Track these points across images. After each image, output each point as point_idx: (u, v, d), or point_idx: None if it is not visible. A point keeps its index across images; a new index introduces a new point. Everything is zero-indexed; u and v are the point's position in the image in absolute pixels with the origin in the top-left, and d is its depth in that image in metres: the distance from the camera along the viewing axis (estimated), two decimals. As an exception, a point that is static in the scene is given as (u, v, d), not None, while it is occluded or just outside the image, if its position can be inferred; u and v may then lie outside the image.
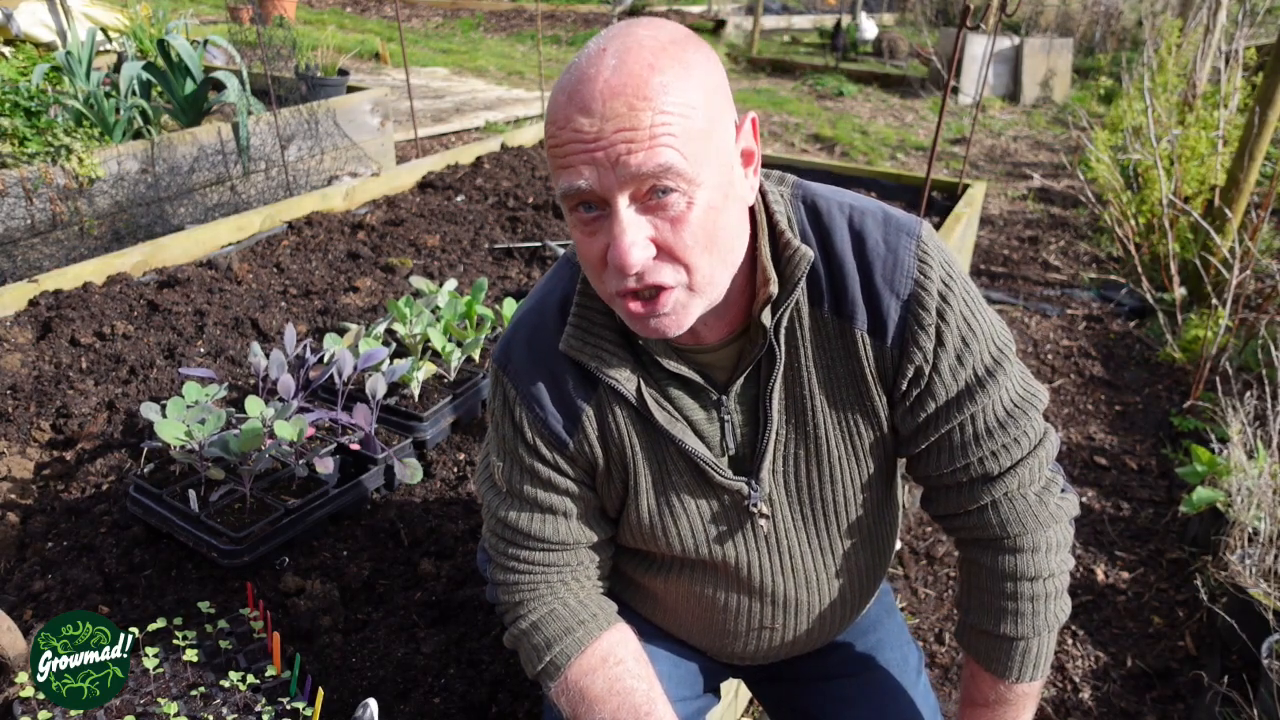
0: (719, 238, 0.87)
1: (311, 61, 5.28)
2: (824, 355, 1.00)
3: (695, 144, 0.82)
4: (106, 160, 3.67)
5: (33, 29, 5.76)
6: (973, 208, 3.66)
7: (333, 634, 1.56)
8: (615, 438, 1.03)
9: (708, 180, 0.84)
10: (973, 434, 1.01)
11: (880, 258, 0.97)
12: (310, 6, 11.91)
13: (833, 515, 1.09)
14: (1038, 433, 1.03)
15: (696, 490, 1.05)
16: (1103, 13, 9.76)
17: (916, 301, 0.96)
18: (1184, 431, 2.93)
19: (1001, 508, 1.03)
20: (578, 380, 1.02)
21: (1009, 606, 1.05)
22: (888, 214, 1.00)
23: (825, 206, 1.00)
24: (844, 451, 1.04)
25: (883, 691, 1.21)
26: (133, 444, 2.08)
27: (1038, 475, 1.04)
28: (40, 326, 2.55)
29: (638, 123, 0.79)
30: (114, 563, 1.70)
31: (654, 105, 0.79)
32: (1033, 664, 1.07)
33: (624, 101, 0.79)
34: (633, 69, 0.80)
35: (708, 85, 0.83)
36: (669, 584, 1.15)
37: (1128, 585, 2.38)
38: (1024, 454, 1.02)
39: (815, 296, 0.98)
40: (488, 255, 3.29)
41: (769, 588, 1.11)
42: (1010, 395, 1.02)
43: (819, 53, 10.37)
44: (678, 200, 0.83)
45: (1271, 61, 3.47)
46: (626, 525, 1.09)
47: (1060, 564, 1.06)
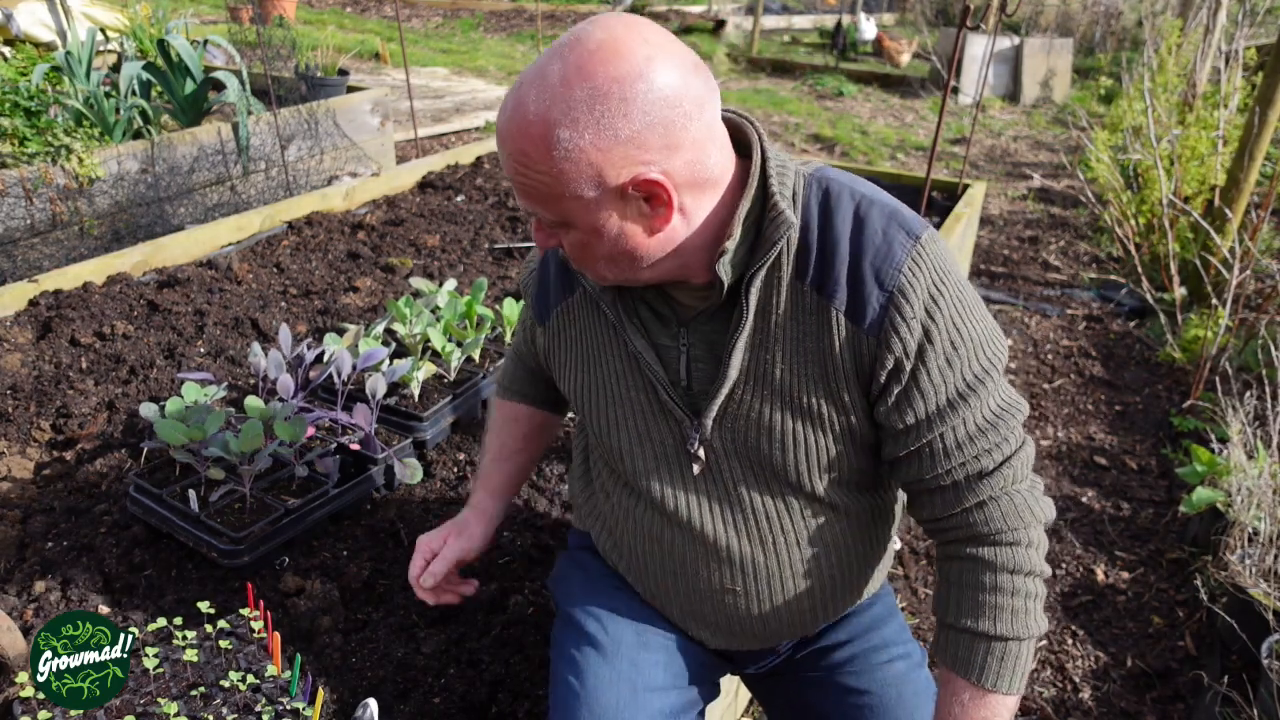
0: (599, 260, 1.01)
1: (311, 61, 5.27)
2: (796, 327, 1.03)
3: (552, 203, 0.95)
4: (106, 160, 3.67)
5: (32, 29, 5.75)
6: (973, 208, 3.66)
7: (333, 634, 1.56)
8: (585, 337, 1.19)
9: (582, 223, 0.96)
10: (965, 435, 1.03)
11: (874, 246, 1.00)
12: (310, 6, 11.91)
13: (785, 481, 1.11)
14: (1020, 437, 1.06)
15: (646, 408, 1.14)
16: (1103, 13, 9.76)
17: (901, 294, 0.98)
18: (1184, 431, 2.93)
19: (1000, 503, 1.04)
20: (565, 281, 1.21)
21: (1000, 602, 1.05)
22: (897, 210, 1.03)
23: (837, 190, 1.04)
24: (799, 424, 1.06)
25: (884, 691, 1.21)
26: (133, 444, 2.08)
27: (1024, 474, 1.06)
28: (40, 326, 2.55)
29: (514, 168, 0.94)
30: (114, 563, 1.70)
31: (530, 159, 0.92)
32: (1012, 671, 1.04)
33: (515, 145, 0.93)
34: (522, 114, 0.91)
35: (576, 158, 0.90)
36: (632, 518, 1.22)
37: (1128, 585, 2.38)
38: (1012, 452, 1.04)
39: (801, 270, 1.02)
40: (488, 255, 3.29)
41: (719, 541, 1.14)
42: (997, 401, 1.04)
43: (819, 53, 10.37)
44: (555, 228, 0.99)
45: (1271, 61, 3.47)
46: (589, 421, 1.22)
47: (1046, 563, 1.07)
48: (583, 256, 1.02)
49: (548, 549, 1.83)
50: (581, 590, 1.32)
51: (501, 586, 1.69)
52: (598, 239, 0.97)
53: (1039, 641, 1.10)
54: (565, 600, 1.33)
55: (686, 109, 0.91)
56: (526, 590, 1.69)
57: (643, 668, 1.19)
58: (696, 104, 0.92)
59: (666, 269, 1.02)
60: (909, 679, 1.23)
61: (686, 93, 0.90)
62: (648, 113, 0.88)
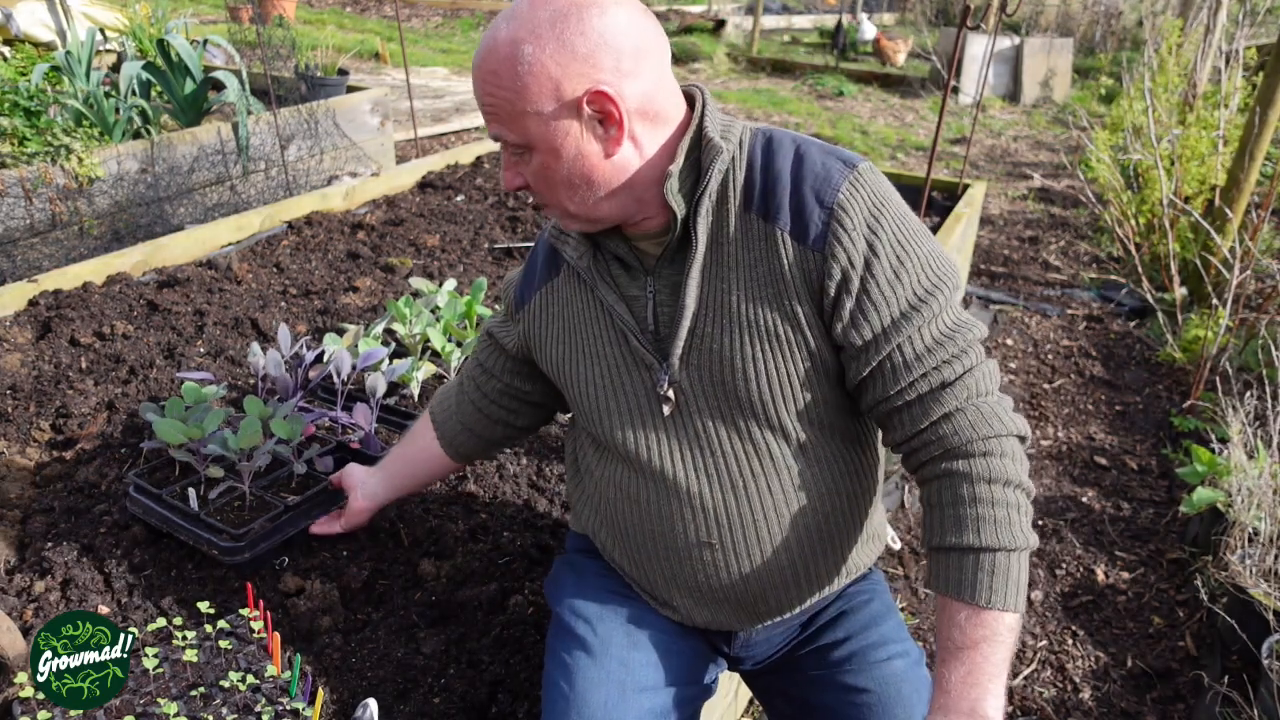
0: (558, 186, 1.08)
1: (311, 61, 5.27)
2: (747, 254, 1.09)
3: (515, 121, 1.04)
4: (106, 160, 3.67)
5: (32, 29, 5.75)
6: (973, 208, 3.66)
7: (332, 634, 1.56)
8: (567, 311, 1.25)
9: (545, 145, 1.04)
10: (922, 347, 1.06)
11: (813, 173, 1.07)
12: (310, 6, 11.91)
13: (752, 415, 1.13)
14: (980, 354, 1.09)
15: (619, 360, 1.19)
16: (1103, 13, 9.76)
17: (841, 209, 1.05)
18: (1184, 431, 2.93)
19: (966, 413, 1.06)
20: (551, 263, 1.29)
21: (981, 513, 1.04)
22: (836, 149, 1.12)
23: (780, 136, 1.13)
24: (762, 350, 1.09)
25: (883, 689, 1.21)
26: (133, 444, 2.08)
27: (989, 388, 1.08)
28: (40, 326, 2.55)
29: (485, 92, 1.04)
30: (114, 563, 1.69)
31: (499, 81, 1.02)
32: (1005, 585, 1.02)
33: (488, 69, 1.03)
34: (492, 43, 1.02)
35: (537, 72, 1.00)
36: (611, 483, 1.25)
37: (1128, 585, 2.38)
38: (974, 364, 1.07)
39: (748, 201, 1.10)
40: (488, 255, 3.29)
41: (690, 489, 1.16)
42: (952, 316, 1.08)
43: (819, 53, 10.37)
44: (526, 155, 1.07)
45: (1272, 61, 3.47)
46: (569, 388, 1.26)
47: (1026, 477, 1.07)
48: (545, 186, 1.09)
49: (548, 549, 1.83)
50: (573, 593, 1.32)
51: (501, 586, 1.69)
52: (556, 160, 1.05)
53: (1030, 555, 1.08)
54: (557, 603, 1.34)
55: (638, 42, 1.03)
56: (526, 590, 1.69)
57: (632, 668, 1.19)
58: (649, 40, 1.04)
59: (623, 203, 1.10)
60: (907, 677, 1.22)
61: (640, 28, 1.03)
62: (603, 35, 1.00)
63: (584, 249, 1.19)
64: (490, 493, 1.99)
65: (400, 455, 1.62)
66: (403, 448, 1.62)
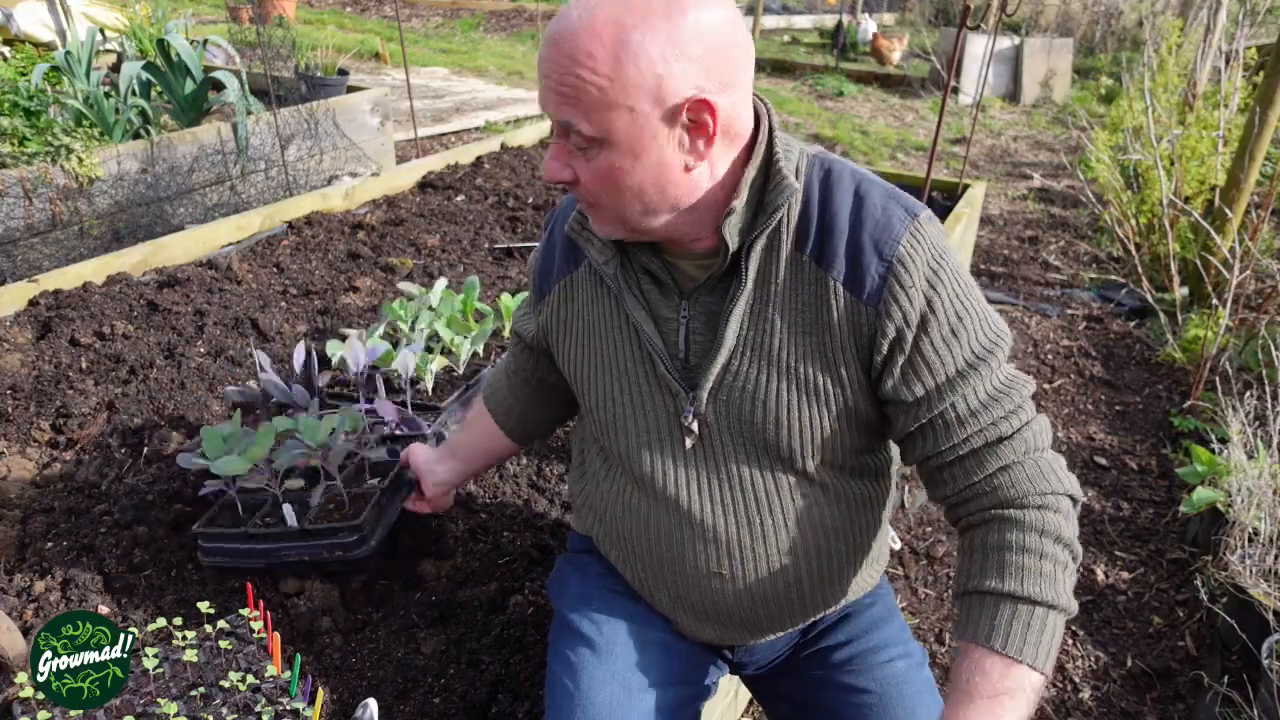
0: (624, 191, 0.98)
1: (311, 61, 5.27)
2: (796, 297, 1.04)
3: (600, 112, 0.92)
4: (106, 160, 3.67)
5: (32, 29, 5.75)
6: (973, 208, 3.66)
7: (333, 635, 1.56)
8: (586, 310, 1.19)
9: (623, 145, 0.94)
10: (977, 403, 1.02)
11: (873, 219, 1.01)
12: (310, 6, 11.91)
13: (777, 457, 1.10)
14: (1033, 410, 1.06)
15: (642, 380, 1.14)
16: (1103, 13, 9.76)
17: (900, 264, 0.99)
18: (1184, 431, 2.93)
19: (1024, 467, 1.02)
20: (570, 255, 1.20)
21: (1027, 563, 0.97)
22: (896, 191, 1.05)
23: (839, 170, 1.06)
24: (795, 397, 1.06)
25: (885, 690, 1.21)
26: (133, 444, 2.08)
27: (1044, 444, 1.05)
28: (40, 326, 2.55)
29: (564, 77, 0.91)
30: (114, 563, 1.69)
31: (584, 67, 0.90)
32: (1038, 640, 0.95)
33: (566, 53, 0.91)
34: (577, 25, 0.90)
35: (643, 65, 0.90)
36: (621, 501, 1.22)
37: (1128, 585, 2.38)
38: (1028, 420, 1.04)
39: (801, 241, 1.03)
40: (488, 255, 3.29)
41: (705, 520, 1.13)
42: (1005, 374, 1.04)
43: (819, 53, 10.37)
44: (589, 149, 0.96)
45: (1272, 61, 3.47)
46: (585, 396, 1.22)
47: (1077, 541, 1.03)
48: (606, 188, 0.98)
49: (547, 549, 1.83)
50: (577, 592, 1.32)
51: (501, 586, 1.69)
52: (633, 164, 0.95)
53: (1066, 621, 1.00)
54: (561, 602, 1.33)
55: (743, 50, 0.95)
56: (526, 590, 1.69)
57: (637, 667, 1.19)
58: (746, 52, 0.96)
59: (680, 222, 1.02)
60: (909, 678, 1.22)
61: (744, 35, 0.95)
62: (716, 37, 0.91)
63: (610, 254, 1.11)
64: (490, 493, 1.99)
65: (464, 442, 1.59)
66: (465, 433, 1.60)
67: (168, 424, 2.14)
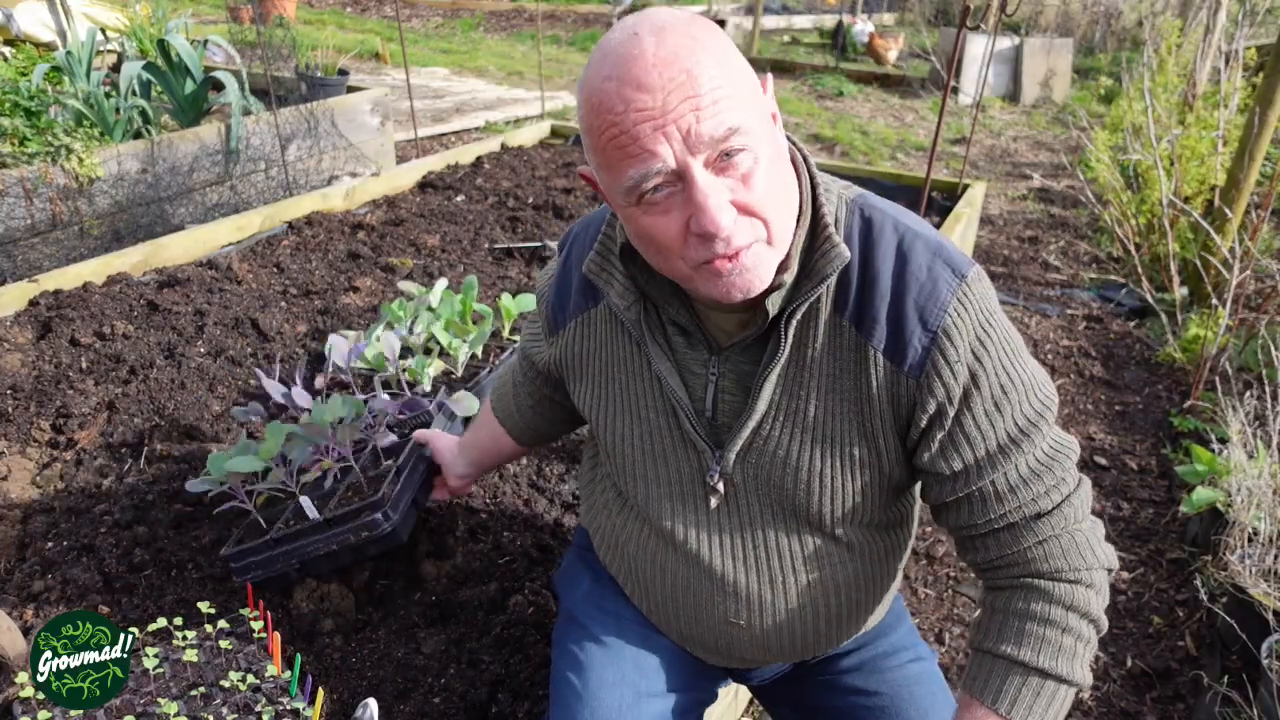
0: (780, 191, 0.90)
1: (311, 61, 5.28)
2: (833, 363, 0.98)
3: (747, 101, 0.85)
4: (106, 160, 3.67)
5: (33, 29, 5.75)
6: (973, 208, 3.66)
7: (333, 635, 1.56)
8: (604, 352, 1.13)
9: (761, 135, 0.86)
10: (1018, 479, 0.97)
11: (918, 284, 0.94)
12: (310, 6, 11.91)
13: (805, 520, 1.06)
14: (1076, 477, 1.01)
15: (665, 433, 1.09)
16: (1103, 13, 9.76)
17: (946, 336, 0.93)
18: (1184, 431, 2.93)
19: (1061, 540, 0.98)
20: (588, 291, 1.14)
21: (1049, 635, 0.96)
22: (941, 245, 0.98)
23: (880, 220, 0.99)
24: (828, 464, 1.01)
25: (896, 692, 1.20)
26: (133, 444, 2.08)
27: (1084, 515, 1.01)
28: (40, 326, 2.55)
29: (698, 88, 0.81)
30: (114, 563, 1.70)
31: (708, 71, 0.81)
32: (1045, 713, 0.95)
33: (679, 68, 0.80)
34: (678, 40, 0.82)
35: (732, 45, 0.87)
36: (635, 542, 1.19)
37: (1128, 585, 2.38)
38: (1071, 491, 0.99)
39: (840, 303, 0.97)
40: (488, 255, 3.29)
41: (727, 576, 1.10)
42: (1050, 443, 0.99)
43: (819, 53, 10.36)
44: (745, 158, 0.85)
45: (1271, 61, 3.47)
46: (602, 438, 1.17)
47: (1103, 614, 0.99)
48: (773, 196, 0.88)
49: (548, 549, 1.83)
50: (587, 588, 1.31)
51: (501, 586, 1.69)
52: (779, 159, 0.90)
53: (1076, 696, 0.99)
54: (570, 599, 1.33)
55: None
56: (526, 590, 1.69)
57: (646, 671, 1.19)
58: None
59: (786, 245, 0.94)
60: (921, 679, 1.21)
61: None
62: None
63: (631, 298, 1.04)
64: (490, 493, 1.99)
65: (475, 443, 1.59)
66: (475, 434, 1.59)
67: (168, 424, 2.14)
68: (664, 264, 0.92)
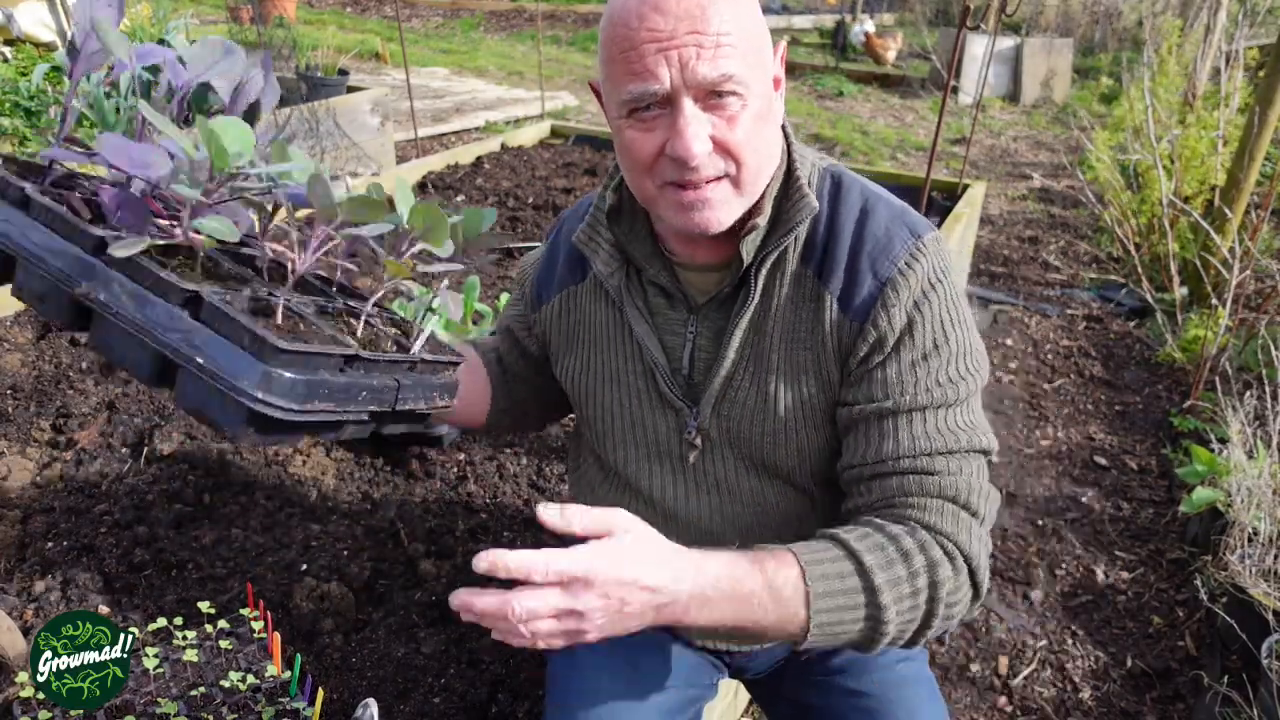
0: (762, 142, 0.95)
1: (311, 61, 5.28)
2: (794, 312, 1.03)
3: (752, 55, 0.90)
4: (106, 160, 3.67)
5: (33, 29, 5.75)
6: (973, 208, 3.66)
7: (333, 634, 1.57)
8: (588, 323, 1.16)
9: (757, 90, 0.92)
10: (922, 432, 0.97)
11: (875, 239, 1.00)
12: (310, 6, 11.91)
13: (775, 474, 1.10)
14: (978, 463, 0.98)
15: (644, 394, 1.12)
16: (1103, 13, 9.77)
17: (892, 285, 0.98)
18: (1184, 431, 2.93)
19: (945, 509, 0.96)
20: (575, 266, 1.18)
21: (892, 556, 0.91)
22: (904, 210, 1.04)
23: (849, 183, 1.06)
24: (793, 413, 1.05)
25: (885, 692, 1.20)
26: (133, 444, 2.08)
27: (979, 507, 0.97)
28: (40, 326, 2.56)
29: (706, 26, 0.86)
30: (114, 562, 1.70)
31: (721, 14, 0.86)
32: (834, 599, 0.88)
33: (696, 3, 0.85)
34: None
35: (757, 5, 0.92)
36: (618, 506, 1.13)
37: (1127, 585, 2.38)
38: (970, 472, 0.97)
39: (807, 257, 1.03)
40: (488, 255, 3.29)
41: (706, 531, 1.13)
42: (965, 417, 0.99)
43: (819, 53, 10.37)
44: (734, 102, 0.90)
45: (1272, 61, 3.47)
46: (584, 407, 1.20)
47: (959, 605, 0.94)
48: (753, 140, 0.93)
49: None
50: None
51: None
52: (767, 109, 0.94)
53: (859, 636, 0.91)
54: None
55: None
56: (526, 590, 1.69)
57: (642, 667, 1.19)
58: None
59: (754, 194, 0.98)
60: (908, 679, 1.22)
61: None
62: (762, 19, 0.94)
63: (615, 265, 1.09)
64: (490, 493, 1.99)
65: None
66: None
67: (168, 424, 2.14)
68: (636, 180, 0.98)
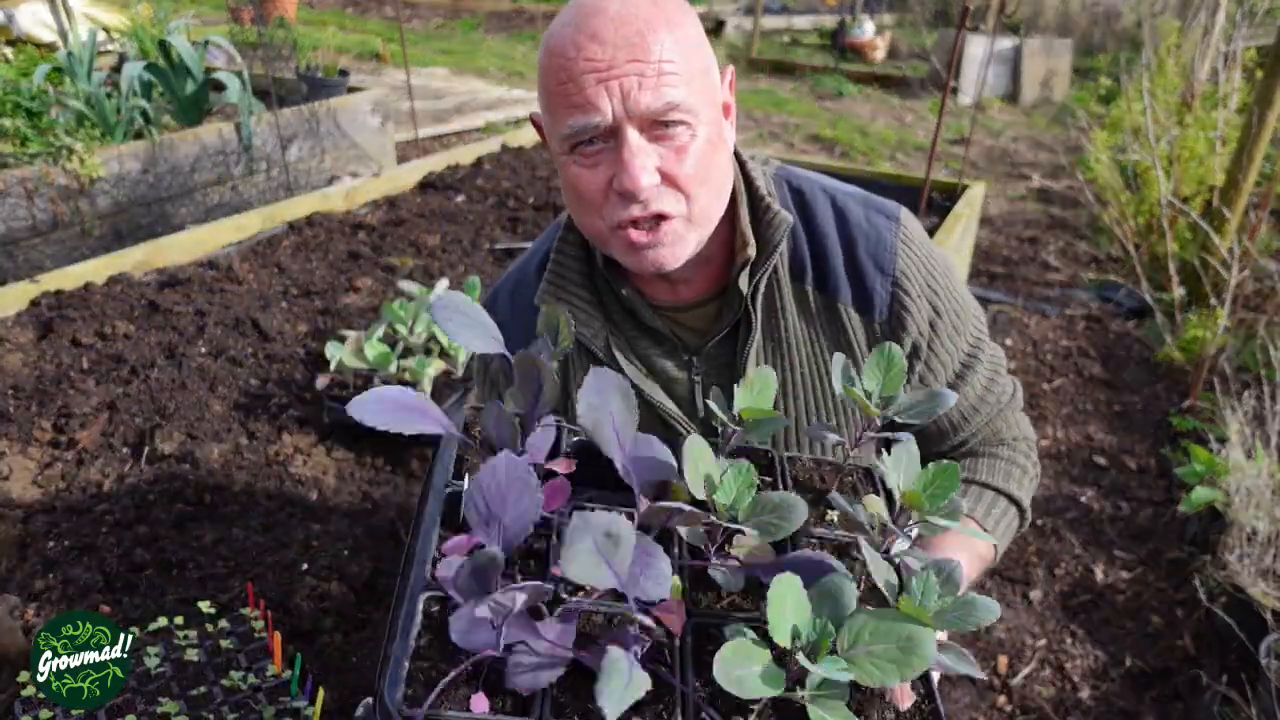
0: (714, 173, 0.91)
1: (312, 62, 5.28)
2: (808, 329, 1.02)
3: (697, 82, 0.87)
4: (108, 160, 3.68)
5: (34, 29, 5.76)
6: (972, 208, 3.66)
7: (333, 633, 1.57)
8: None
9: (705, 117, 0.88)
10: (975, 398, 1.08)
11: (863, 234, 1.01)
12: (311, 7, 11.91)
13: None
14: (1011, 383, 1.14)
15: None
16: (1102, 13, 9.77)
17: (904, 276, 1.00)
18: (1183, 431, 2.93)
19: (1003, 451, 1.12)
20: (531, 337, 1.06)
21: (1001, 467, 1.10)
22: (868, 197, 1.06)
23: (808, 187, 1.04)
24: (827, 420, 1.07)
25: None
26: (134, 444, 2.08)
27: (1019, 419, 1.15)
28: (41, 326, 2.56)
29: (647, 54, 0.82)
30: (115, 562, 1.70)
31: (662, 41, 0.83)
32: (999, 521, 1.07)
33: (634, 30, 0.82)
34: (642, 5, 0.84)
35: (700, 30, 0.90)
36: None
37: (1127, 585, 2.38)
38: (1010, 397, 1.13)
39: (797, 271, 1.01)
40: (488, 255, 3.30)
41: None
42: (991, 354, 1.10)
43: (819, 53, 10.37)
44: (682, 132, 0.87)
45: (1270, 62, 3.47)
46: None
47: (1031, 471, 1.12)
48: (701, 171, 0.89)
49: (547, 549, 1.84)
50: None
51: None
52: (717, 137, 0.90)
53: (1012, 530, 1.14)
54: None
55: None
56: (526, 590, 1.69)
57: None
58: None
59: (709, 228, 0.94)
60: None
61: None
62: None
63: (597, 325, 1.01)
64: (490, 492, 1.99)
65: None
66: None
67: (168, 424, 2.15)
68: (585, 220, 0.94)
